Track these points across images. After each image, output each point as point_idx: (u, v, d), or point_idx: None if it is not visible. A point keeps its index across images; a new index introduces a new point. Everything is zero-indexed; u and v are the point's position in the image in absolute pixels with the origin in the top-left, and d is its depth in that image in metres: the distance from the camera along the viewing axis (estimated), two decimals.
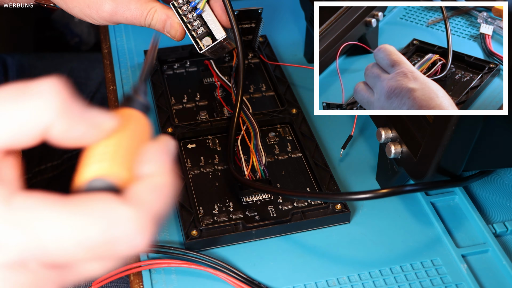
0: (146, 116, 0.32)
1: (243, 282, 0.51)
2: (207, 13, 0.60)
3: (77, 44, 1.58)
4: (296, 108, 0.66)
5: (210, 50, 0.61)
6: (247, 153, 0.60)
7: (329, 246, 0.55)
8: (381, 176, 0.59)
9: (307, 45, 0.75)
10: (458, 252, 0.54)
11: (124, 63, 0.75)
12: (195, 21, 0.60)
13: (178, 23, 0.60)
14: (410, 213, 0.57)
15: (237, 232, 0.54)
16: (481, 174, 0.54)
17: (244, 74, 0.61)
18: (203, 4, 0.59)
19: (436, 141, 0.45)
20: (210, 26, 0.60)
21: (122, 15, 0.59)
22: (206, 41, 0.60)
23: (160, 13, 0.59)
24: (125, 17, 0.59)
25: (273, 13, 0.84)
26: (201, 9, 0.59)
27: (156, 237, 0.55)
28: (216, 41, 0.60)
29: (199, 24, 0.60)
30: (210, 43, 0.60)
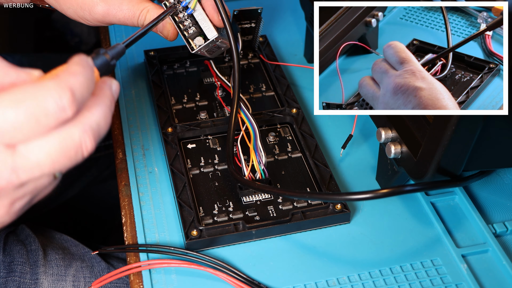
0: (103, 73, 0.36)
1: (243, 282, 0.51)
2: (198, 13, 0.59)
3: (77, 44, 1.58)
4: (296, 108, 0.66)
5: (203, 50, 0.61)
6: (247, 153, 0.60)
7: (329, 246, 0.55)
8: (381, 176, 0.59)
9: (307, 45, 0.75)
10: (458, 252, 0.54)
11: (124, 63, 0.75)
12: (186, 21, 0.59)
13: (171, 23, 0.60)
14: (410, 213, 0.58)
15: (237, 232, 0.54)
16: (481, 174, 0.54)
17: (239, 72, 0.60)
18: (194, 4, 0.58)
19: (436, 141, 0.45)
20: (202, 26, 0.60)
21: (114, 16, 0.59)
22: (198, 41, 0.60)
23: (153, 13, 0.59)
24: (118, 18, 0.59)
25: (273, 13, 0.84)
26: (192, 9, 0.59)
27: (156, 237, 0.55)
28: (208, 40, 0.60)
29: (190, 24, 0.59)
30: (202, 43, 0.60)
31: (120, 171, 0.62)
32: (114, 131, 0.67)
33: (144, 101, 0.70)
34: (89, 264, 0.69)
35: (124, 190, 0.60)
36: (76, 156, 0.34)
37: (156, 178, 0.61)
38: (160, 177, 0.61)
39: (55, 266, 0.68)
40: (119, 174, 0.62)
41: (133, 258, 0.54)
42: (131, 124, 0.66)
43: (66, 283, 0.67)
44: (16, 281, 0.65)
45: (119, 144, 0.65)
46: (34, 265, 0.67)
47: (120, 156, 0.63)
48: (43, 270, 0.67)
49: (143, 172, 0.61)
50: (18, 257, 0.67)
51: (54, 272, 0.67)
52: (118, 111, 0.69)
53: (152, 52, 0.73)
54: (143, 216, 0.57)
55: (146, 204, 0.58)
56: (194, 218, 0.54)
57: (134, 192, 0.59)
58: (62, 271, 0.68)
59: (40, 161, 0.33)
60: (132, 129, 0.66)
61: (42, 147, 0.33)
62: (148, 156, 0.63)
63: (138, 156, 0.63)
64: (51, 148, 0.33)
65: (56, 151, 0.33)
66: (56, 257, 0.68)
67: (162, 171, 0.61)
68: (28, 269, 0.66)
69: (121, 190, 0.60)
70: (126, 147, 0.64)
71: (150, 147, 0.64)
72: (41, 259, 0.68)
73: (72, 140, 0.34)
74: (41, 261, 0.67)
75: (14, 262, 0.67)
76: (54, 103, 0.32)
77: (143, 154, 0.63)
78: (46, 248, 0.69)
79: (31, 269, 0.67)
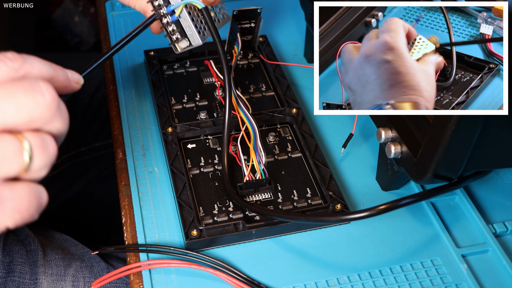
0: None
1: (243, 282, 0.51)
2: (184, 19, 0.58)
3: (77, 44, 1.58)
4: (296, 108, 0.66)
5: (186, 50, 0.61)
6: (247, 153, 0.60)
7: (329, 246, 0.55)
8: (381, 176, 0.59)
9: (307, 45, 0.75)
10: (458, 252, 0.54)
11: (124, 63, 0.75)
12: (170, 26, 0.58)
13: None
14: (410, 213, 0.58)
15: (237, 232, 0.54)
16: (477, 174, 0.55)
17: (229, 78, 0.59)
18: (179, 11, 0.57)
19: (436, 141, 0.45)
20: (187, 33, 0.59)
21: (134, 7, 0.63)
22: (182, 44, 0.60)
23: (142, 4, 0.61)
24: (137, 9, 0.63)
25: (273, 13, 0.84)
26: (177, 16, 0.58)
27: (156, 237, 0.55)
28: (192, 46, 0.60)
29: (175, 28, 0.59)
30: (186, 45, 0.60)
31: (120, 171, 0.62)
32: (114, 131, 0.67)
33: (144, 101, 0.70)
34: (89, 264, 0.69)
35: (124, 190, 0.60)
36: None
37: (156, 178, 0.61)
38: (160, 177, 0.61)
39: (54, 266, 0.68)
40: (119, 174, 0.62)
41: (133, 258, 0.54)
42: (131, 124, 0.66)
43: (66, 283, 0.67)
44: (15, 281, 0.65)
45: (119, 144, 0.65)
46: (33, 265, 0.67)
47: (120, 156, 0.63)
48: (43, 270, 0.67)
49: (143, 172, 0.61)
50: (18, 257, 0.67)
51: (54, 272, 0.67)
52: (118, 111, 0.69)
53: (152, 52, 0.73)
54: (143, 216, 0.57)
55: (146, 204, 0.58)
56: (194, 218, 0.54)
57: (134, 192, 0.59)
58: (61, 271, 0.68)
59: None
60: (132, 129, 0.66)
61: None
62: (148, 156, 0.63)
63: (138, 156, 0.63)
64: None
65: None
66: (56, 257, 0.68)
67: (162, 171, 0.61)
68: (27, 269, 0.66)
69: (121, 190, 0.60)
70: (126, 147, 0.64)
71: (150, 147, 0.64)
72: (40, 259, 0.68)
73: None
74: (40, 261, 0.67)
75: (14, 262, 0.66)
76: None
77: (143, 154, 0.63)
78: (46, 248, 0.69)
79: (31, 269, 0.67)
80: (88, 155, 0.96)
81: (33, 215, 0.35)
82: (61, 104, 0.36)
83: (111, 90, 0.72)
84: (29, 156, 0.34)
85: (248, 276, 0.52)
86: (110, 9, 0.84)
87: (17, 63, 0.35)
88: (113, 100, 0.70)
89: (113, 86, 0.72)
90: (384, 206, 0.50)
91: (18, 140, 0.34)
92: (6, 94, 0.33)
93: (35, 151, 0.34)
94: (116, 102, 0.70)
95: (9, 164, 0.33)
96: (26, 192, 0.34)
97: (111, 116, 0.69)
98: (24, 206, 0.34)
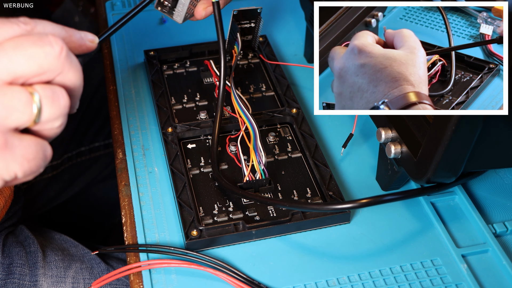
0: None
1: (243, 282, 0.51)
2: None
3: None
4: (296, 108, 0.66)
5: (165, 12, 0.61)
6: (247, 153, 0.60)
7: (329, 246, 0.55)
8: (381, 176, 0.59)
9: (307, 45, 0.75)
10: (458, 252, 0.54)
11: (124, 63, 0.75)
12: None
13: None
14: (410, 213, 0.57)
15: (237, 232, 0.54)
16: (469, 174, 0.54)
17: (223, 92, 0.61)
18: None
19: (436, 141, 0.45)
20: (177, 7, 0.60)
21: None
22: (165, 9, 0.60)
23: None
24: None
25: (273, 13, 0.84)
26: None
27: (156, 237, 0.55)
28: (172, 15, 0.60)
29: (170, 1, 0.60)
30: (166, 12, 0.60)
31: (120, 171, 0.62)
32: (114, 131, 0.67)
33: (144, 101, 0.70)
34: (89, 266, 0.69)
35: (124, 190, 0.60)
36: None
37: (156, 178, 0.61)
38: (160, 177, 0.61)
39: (54, 268, 0.68)
40: (119, 174, 0.62)
41: (133, 258, 0.54)
42: (131, 124, 0.66)
43: (66, 284, 0.67)
44: (15, 283, 0.65)
45: (119, 144, 0.65)
46: (33, 267, 0.67)
47: (120, 156, 0.63)
48: (43, 272, 0.67)
49: (143, 172, 0.61)
50: (17, 259, 0.67)
51: (54, 274, 0.67)
52: (118, 111, 0.69)
53: (152, 52, 0.73)
54: (143, 216, 0.57)
55: (146, 204, 0.58)
56: (194, 218, 0.54)
57: (134, 192, 0.59)
58: (61, 272, 0.67)
59: None
60: (132, 129, 0.66)
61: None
62: (148, 156, 0.63)
63: (138, 156, 0.63)
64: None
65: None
66: (56, 259, 0.68)
67: (162, 171, 0.61)
68: (27, 271, 0.66)
69: (121, 190, 0.60)
70: (126, 147, 0.64)
71: (150, 147, 0.64)
72: (40, 260, 0.67)
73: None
74: (40, 263, 0.67)
75: (13, 264, 0.66)
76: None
77: (143, 154, 0.63)
78: (46, 249, 0.69)
79: (30, 271, 0.67)
80: (88, 155, 0.96)
81: (39, 167, 0.36)
82: (72, 56, 0.37)
83: (111, 90, 0.72)
84: (38, 108, 0.35)
85: (248, 276, 0.52)
86: (110, 9, 0.84)
87: (29, 25, 0.36)
88: (113, 100, 0.70)
89: (113, 86, 0.72)
90: (366, 200, 0.51)
91: (28, 92, 0.34)
92: (15, 45, 0.34)
93: (44, 102, 0.35)
94: (116, 102, 0.70)
95: (18, 115, 0.34)
96: (34, 143, 0.36)
97: (111, 116, 0.69)
98: (32, 156, 0.35)
